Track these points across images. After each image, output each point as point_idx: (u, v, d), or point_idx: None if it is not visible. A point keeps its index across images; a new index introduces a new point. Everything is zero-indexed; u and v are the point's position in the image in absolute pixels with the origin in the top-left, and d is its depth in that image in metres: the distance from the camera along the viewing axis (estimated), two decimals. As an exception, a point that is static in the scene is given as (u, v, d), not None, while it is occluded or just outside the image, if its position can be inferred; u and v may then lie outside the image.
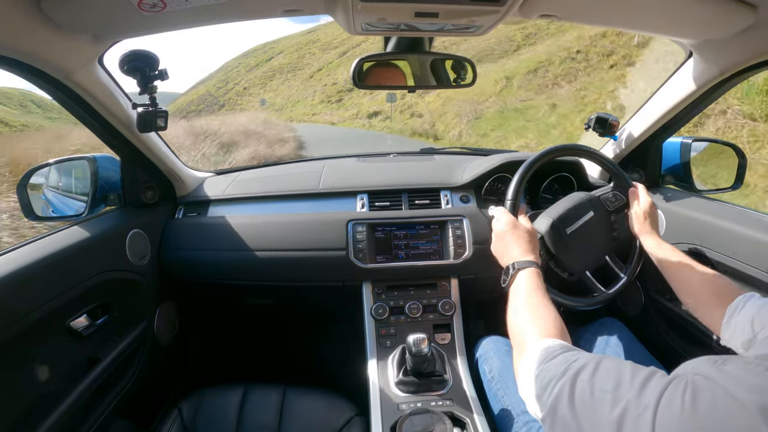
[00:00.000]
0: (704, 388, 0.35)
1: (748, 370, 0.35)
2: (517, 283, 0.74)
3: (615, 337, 0.99)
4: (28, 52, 0.70)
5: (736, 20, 0.73)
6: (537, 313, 0.64)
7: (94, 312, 0.95)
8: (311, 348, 1.58)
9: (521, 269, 0.76)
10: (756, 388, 0.33)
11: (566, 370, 0.48)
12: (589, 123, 1.21)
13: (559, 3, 0.73)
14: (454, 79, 1.02)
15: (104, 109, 0.91)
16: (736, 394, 0.33)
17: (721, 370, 0.36)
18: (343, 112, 26.17)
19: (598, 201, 0.99)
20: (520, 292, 0.72)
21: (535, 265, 0.77)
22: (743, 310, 0.65)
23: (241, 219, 1.19)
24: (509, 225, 0.85)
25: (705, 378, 0.36)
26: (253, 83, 53.71)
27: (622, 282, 0.98)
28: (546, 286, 0.74)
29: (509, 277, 0.78)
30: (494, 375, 0.95)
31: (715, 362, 0.38)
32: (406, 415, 0.84)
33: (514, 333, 0.65)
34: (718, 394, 0.34)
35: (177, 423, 0.93)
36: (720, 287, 0.73)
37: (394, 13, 0.70)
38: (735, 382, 0.34)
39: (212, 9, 0.69)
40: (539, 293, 0.70)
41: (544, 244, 0.94)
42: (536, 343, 0.57)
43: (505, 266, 0.81)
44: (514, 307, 0.70)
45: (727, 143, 1.23)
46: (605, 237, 0.99)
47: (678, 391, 0.36)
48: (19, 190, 0.99)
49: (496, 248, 0.87)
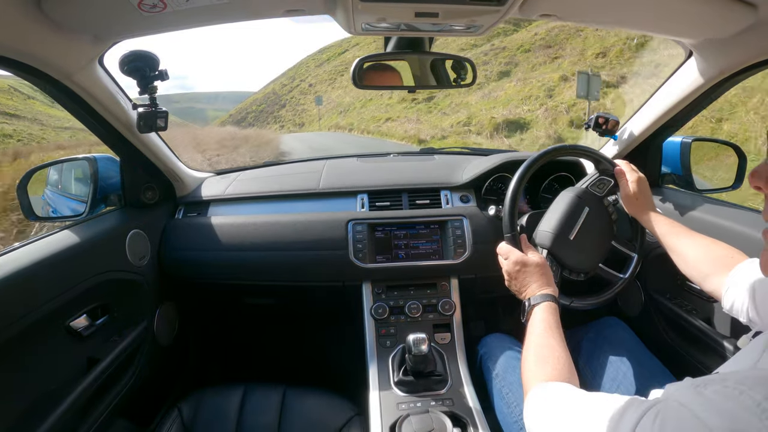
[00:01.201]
0: (673, 413, 0.35)
1: (724, 394, 0.34)
2: (533, 320, 0.76)
3: (616, 337, 0.99)
4: (28, 53, 0.70)
5: (736, 20, 0.73)
6: (543, 355, 0.67)
7: (94, 312, 0.95)
8: (311, 348, 1.58)
9: (536, 305, 0.77)
10: (727, 413, 0.32)
11: (556, 413, 0.52)
12: (589, 122, 1.21)
13: (559, 3, 0.73)
14: (454, 79, 1.02)
15: (104, 110, 0.91)
16: (705, 418, 0.32)
17: (699, 394, 0.36)
18: (438, 119, 16.43)
19: (588, 192, 0.98)
20: (533, 331, 0.73)
21: (551, 298, 0.78)
22: (743, 278, 0.67)
23: (241, 219, 1.19)
24: (519, 264, 0.85)
25: (678, 403, 0.36)
26: (320, 79, 48.39)
27: (634, 260, 0.99)
28: (560, 295, 0.77)
29: (526, 313, 0.79)
30: (499, 372, 0.95)
31: (696, 386, 0.37)
32: (406, 415, 0.84)
33: (523, 372, 0.67)
34: (685, 418, 0.34)
35: (177, 423, 0.93)
36: (719, 257, 0.75)
37: (394, 12, 0.70)
38: (707, 405, 0.34)
39: (213, 9, 0.69)
40: (550, 332, 0.71)
41: (554, 257, 0.93)
42: (539, 385, 0.60)
43: (523, 302, 0.82)
44: (526, 345, 0.71)
45: (728, 143, 1.23)
46: (606, 225, 0.99)
47: (648, 422, 0.37)
48: (19, 190, 0.99)
49: (512, 286, 0.88)
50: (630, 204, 0.94)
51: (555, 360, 0.65)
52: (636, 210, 0.93)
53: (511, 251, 0.88)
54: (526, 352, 0.70)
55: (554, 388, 0.58)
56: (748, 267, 0.69)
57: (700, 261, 0.78)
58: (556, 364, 0.64)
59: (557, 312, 0.76)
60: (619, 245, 1.00)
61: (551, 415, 0.53)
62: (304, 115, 38.39)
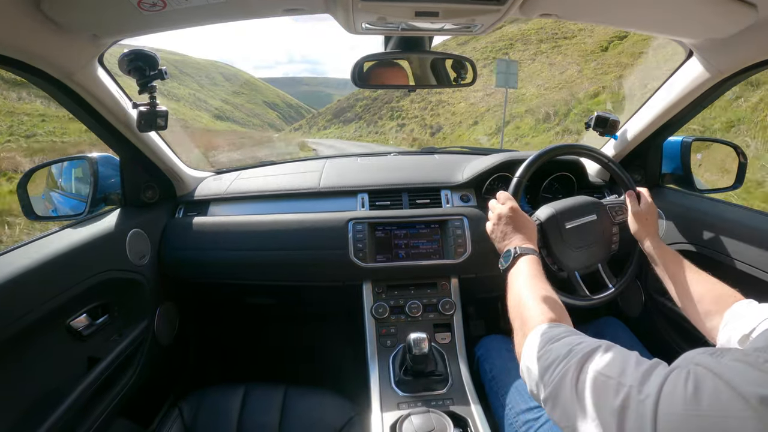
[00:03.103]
0: (706, 379, 0.36)
1: (747, 362, 0.36)
2: (519, 267, 0.74)
3: (615, 337, 0.99)
4: (28, 52, 0.70)
5: (736, 20, 0.72)
6: (539, 297, 0.64)
7: (95, 312, 0.95)
8: (312, 347, 1.58)
9: (523, 255, 0.76)
10: (756, 381, 0.34)
11: (570, 352, 0.48)
12: (589, 122, 1.20)
13: (559, 2, 0.73)
14: (454, 78, 1.02)
15: (104, 109, 0.91)
16: (738, 387, 0.34)
17: (720, 363, 0.37)
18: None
19: (604, 208, 1.00)
20: (522, 276, 0.71)
21: (536, 253, 0.78)
22: (742, 316, 0.64)
23: (241, 218, 1.19)
24: (512, 210, 0.86)
25: (706, 369, 0.37)
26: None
27: (608, 292, 0.98)
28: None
29: (509, 261, 0.77)
30: (495, 374, 0.95)
31: (713, 354, 0.39)
32: (407, 414, 0.84)
33: (516, 315, 0.65)
34: (719, 385, 0.35)
35: (177, 423, 0.93)
36: (721, 295, 0.71)
37: (395, 12, 0.69)
38: (735, 374, 0.35)
39: (212, 8, 0.68)
40: (541, 278, 0.70)
41: (541, 232, 0.94)
42: (540, 325, 0.57)
43: (506, 249, 0.81)
44: (516, 290, 0.69)
45: (728, 143, 1.23)
46: (603, 244, 0.99)
47: (680, 381, 0.37)
48: (19, 189, 0.99)
49: (495, 230, 0.87)
50: (639, 225, 0.92)
51: (553, 303, 0.63)
52: (643, 232, 0.90)
53: (510, 198, 0.89)
54: (518, 294, 0.67)
55: (565, 329, 0.54)
56: (749, 305, 0.65)
57: (704, 297, 0.74)
58: (558, 305, 0.62)
59: (541, 267, 0.75)
60: (603, 272, 1.00)
61: (565, 354, 0.48)
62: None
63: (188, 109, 50.42)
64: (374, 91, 22.09)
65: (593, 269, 1.00)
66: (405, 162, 1.44)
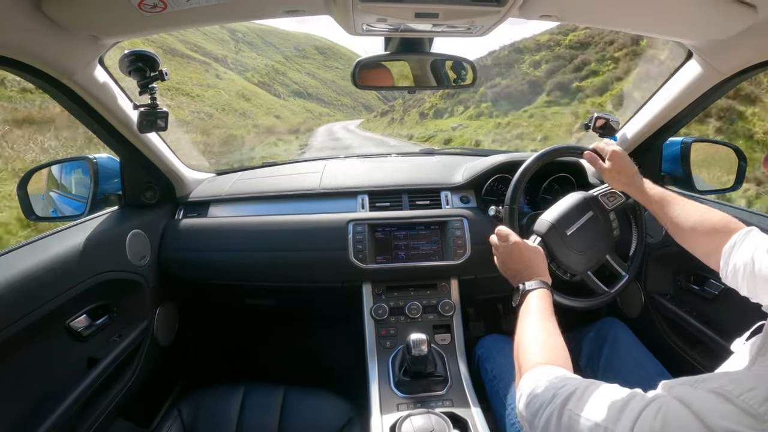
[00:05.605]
0: (675, 411, 0.37)
1: (722, 394, 0.36)
2: (527, 305, 0.75)
3: (616, 337, 0.99)
4: (28, 53, 0.70)
5: (736, 20, 0.72)
6: (538, 339, 0.65)
7: (94, 312, 0.95)
8: (311, 348, 1.58)
9: (532, 290, 0.77)
10: (725, 415, 0.34)
11: (554, 397, 0.50)
12: (589, 123, 1.20)
13: (558, 3, 0.73)
14: (454, 80, 1.02)
15: (105, 110, 0.91)
16: (705, 419, 0.34)
17: (695, 393, 0.37)
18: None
19: (597, 200, 0.99)
20: (527, 316, 0.72)
21: (546, 285, 0.78)
22: (741, 248, 0.65)
23: (241, 219, 1.19)
24: (514, 246, 0.85)
25: (680, 402, 0.37)
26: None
27: (624, 280, 0.98)
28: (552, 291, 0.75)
29: (519, 298, 0.78)
30: (496, 374, 0.95)
31: (693, 383, 0.39)
32: (406, 415, 0.84)
33: (516, 357, 0.66)
34: (687, 417, 0.35)
35: (177, 423, 0.93)
36: (715, 224, 0.72)
37: (394, 13, 0.69)
38: (707, 405, 0.35)
39: (213, 9, 0.69)
40: (546, 317, 0.70)
41: (545, 246, 0.94)
42: (532, 369, 0.59)
43: (516, 286, 0.81)
44: (519, 332, 0.70)
45: (728, 144, 1.23)
46: (605, 236, 0.99)
47: (650, 416, 0.38)
48: (19, 190, 0.99)
49: (503, 268, 0.87)
50: (613, 180, 0.92)
51: (553, 344, 0.63)
52: (622, 184, 0.91)
53: (511, 234, 0.88)
54: (521, 335, 0.68)
55: (554, 372, 0.56)
56: (748, 233, 0.67)
57: (695, 230, 0.75)
58: (554, 348, 0.63)
59: (551, 300, 0.75)
60: (612, 261, 1.00)
61: (550, 399, 0.51)
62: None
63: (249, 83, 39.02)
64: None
65: (603, 262, 1.00)
66: (405, 163, 1.44)
